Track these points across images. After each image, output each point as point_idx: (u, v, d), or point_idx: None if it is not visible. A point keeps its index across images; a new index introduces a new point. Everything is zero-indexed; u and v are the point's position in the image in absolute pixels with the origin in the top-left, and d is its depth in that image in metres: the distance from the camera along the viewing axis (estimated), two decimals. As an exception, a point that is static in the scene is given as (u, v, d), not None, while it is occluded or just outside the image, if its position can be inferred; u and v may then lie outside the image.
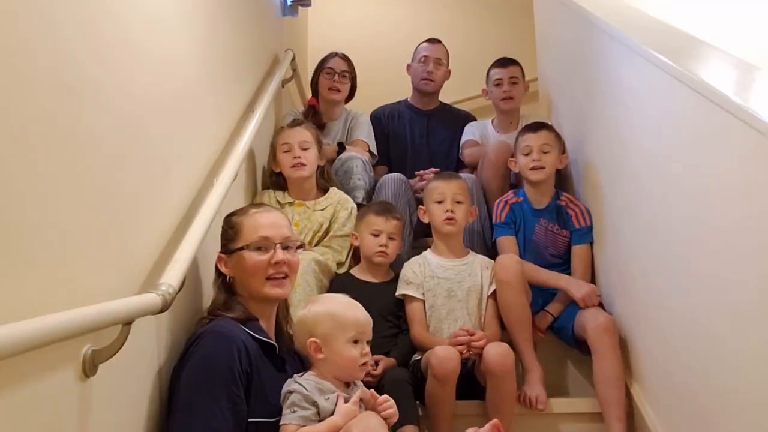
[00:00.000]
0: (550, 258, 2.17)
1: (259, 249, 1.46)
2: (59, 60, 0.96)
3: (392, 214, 2.03)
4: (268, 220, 1.51)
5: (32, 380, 0.84)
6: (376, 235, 1.99)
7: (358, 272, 2.04)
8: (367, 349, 1.39)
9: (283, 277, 1.47)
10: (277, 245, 1.47)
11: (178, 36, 1.55)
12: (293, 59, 3.03)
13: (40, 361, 0.85)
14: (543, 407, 1.77)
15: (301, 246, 1.60)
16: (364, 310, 1.45)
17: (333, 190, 2.29)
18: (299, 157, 2.20)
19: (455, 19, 4.28)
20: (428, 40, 3.06)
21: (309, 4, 3.41)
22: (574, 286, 2.00)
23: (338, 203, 2.23)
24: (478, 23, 4.29)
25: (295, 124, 2.35)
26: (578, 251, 2.15)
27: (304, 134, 2.25)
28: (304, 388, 1.30)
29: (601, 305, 1.97)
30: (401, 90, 3.10)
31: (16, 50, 0.84)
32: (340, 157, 2.56)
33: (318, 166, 2.28)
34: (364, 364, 1.37)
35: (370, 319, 1.44)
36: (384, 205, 2.12)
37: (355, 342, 1.37)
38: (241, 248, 1.47)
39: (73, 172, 0.98)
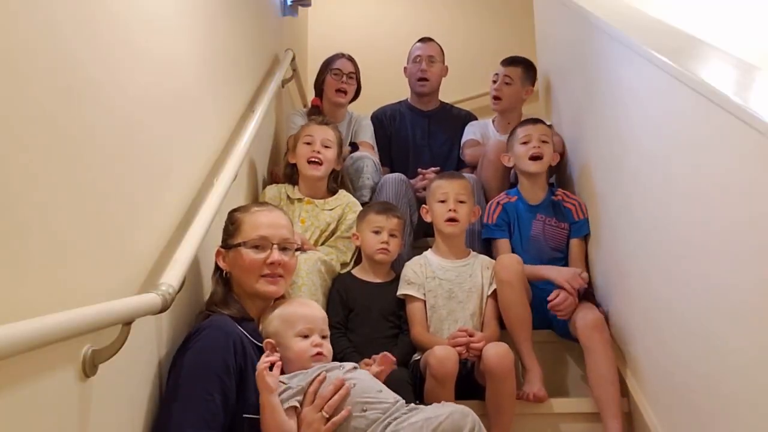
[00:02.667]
0: (551, 252, 2.18)
1: (256, 247, 1.48)
2: (59, 60, 0.96)
3: (393, 213, 2.04)
4: (268, 220, 1.53)
5: (32, 380, 0.84)
6: (377, 233, 1.99)
7: (360, 272, 2.04)
8: (319, 340, 1.43)
9: (278, 277, 1.49)
10: (274, 245, 1.48)
11: (178, 36, 1.55)
12: (293, 59, 3.03)
13: (40, 361, 0.85)
14: (543, 399, 1.78)
15: (299, 249, 1.60)
16: (314, 306, 1.53)
17: (342, 191, 2.30)
18: (318, 152, 2.20)
19: (455, 19, 4.28)
20: (420, 40, 3.06)
21: (309, 4, 3.42)
22: (555, 273, 2.00)
23: (347, 205, 2.23)
24: (478, 23, 4.29)
25: (323, 122, 2.35)
26: (577, 243, 2.16)
27: (328, 132, 2.26)
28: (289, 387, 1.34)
29: (593, 301, 1.98)
30: (401, 90, 3.11)
31: (16, 50, 0.84)
32: (352, 155, 2.57)
33: (333, 169, 2.28)
34: (317, 354, 1.41)
35: (321, 314, 1.50)
36: (385, 204, 2.12)
37: (305, 336, 1.42)
38: (239, 245, 1.48)
39: (73, 172, 0.98)
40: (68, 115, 0.97)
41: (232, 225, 1.54)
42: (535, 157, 2.21)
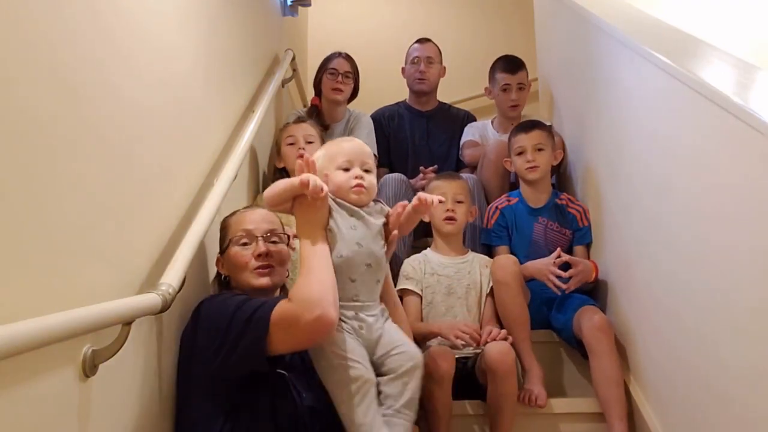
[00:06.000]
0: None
1: (244, 244, 1.51)
2: (60, 62, 0.96)
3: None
4: (251, 216, 1.57)
5: (32, 380, 0.84)
6: None
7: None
8: (359, 172, 1.40)
9: (270, 267, 1.50)
10: (259, 237, 1.51)
11: (177, 37, 1.55)
12: (293, 59, 3.03)
13: (40, 361, 0.85)
14: (543, 404, 1.77)
15: (289, 241, 1.62)
16: (356, 141, 1.49)
17: None
18: (303, 149, 2.24)
19: (457, 20, 4.27)
20: (418, 41, 3.06)
21: (309, 4, 3.42)
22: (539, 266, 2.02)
23: None
24: (479, 23, 4.28)
25: (299, 120, 2.40)
26: (582, 251, 2.15)
27: (308, 129, 2.32)
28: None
29: (591, 297, 1.98)
30: (401, 89, 3.10)
31: (15, 48, 0.84)
32: None
33: None
34: (357, 186, 1.39)
35: (363, 148, 1.45)
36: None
37: (346, 170, 1.40)
38: (228, 243, 1.52)
39: (74, 173, 0.98)
40: (68, 116, 0.97)
41: (222, 230, 1.59)
42: (531, 168, 2.21)
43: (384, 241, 1.41)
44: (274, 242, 1.53)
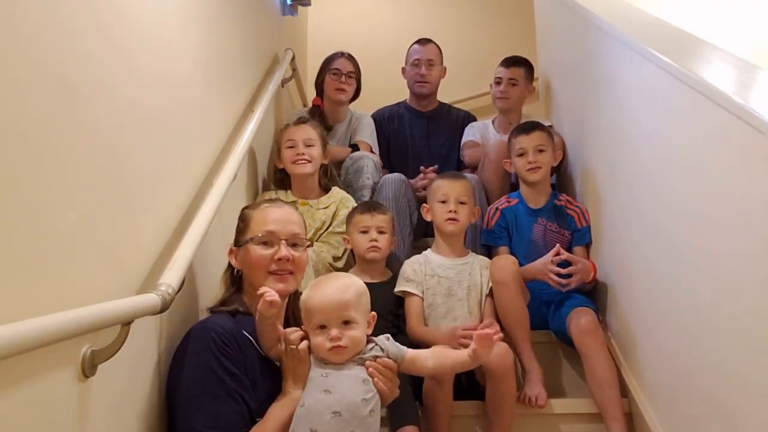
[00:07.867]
0: (550, 257, 2.17)
1: (264, 243, 1.44)
2: (59, 62, 0.95)
3: (378, 210, 2.03)
4: (276, 215, 1.49)
5: (31, 380, 0.84)
6: (365, 232, 1.99)
7: (355, 274, 2.03)
8: (335, 333, 1.29)
9: (288, 274, 1.44)
10: (282, 241, 1.45)
11: (177, 37, 1.55)
12: (293, 59, 3.03)
13: (39, 362, 0.85)
14: (543, 404, 1.77)
15: (311, 245, 1.58)
16: (328, 290, 1.33)
17: (335, 189, 2.31)
18: (303, 153, 2.22)
19: (456, 19, 4.27)
20: (419, 41, 3.03)
21: (309, 4, 3.42)
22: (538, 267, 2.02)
23: (340, 201, 2.26)
24: (479, 22, 4.28)
25: (300, 121, 2.37)
26: (581, 251, 2.15)
27: (308, 131, 2.28)
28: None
29: (584, 297, 1.98)
30: (402, 89, 3.10)
31: (15, 48, 0.84)
32: (351, 155, 2.58)
33: (322, 165, 2.29)
34: (333, 347, 1.29)
35: (337, 297, 1.32)
36: (369, 204, 2.13)
37: (322, 327, 1.31)
38: (248, 241, 1.46)
39: (73, 172, 0.98)
40: (67, 116, 0.97)
41: (242, 222, 1.51)
42: (532, 170, 2.21)
43: (371, 387, 1.28)
44: (294, 245, 1.47)
